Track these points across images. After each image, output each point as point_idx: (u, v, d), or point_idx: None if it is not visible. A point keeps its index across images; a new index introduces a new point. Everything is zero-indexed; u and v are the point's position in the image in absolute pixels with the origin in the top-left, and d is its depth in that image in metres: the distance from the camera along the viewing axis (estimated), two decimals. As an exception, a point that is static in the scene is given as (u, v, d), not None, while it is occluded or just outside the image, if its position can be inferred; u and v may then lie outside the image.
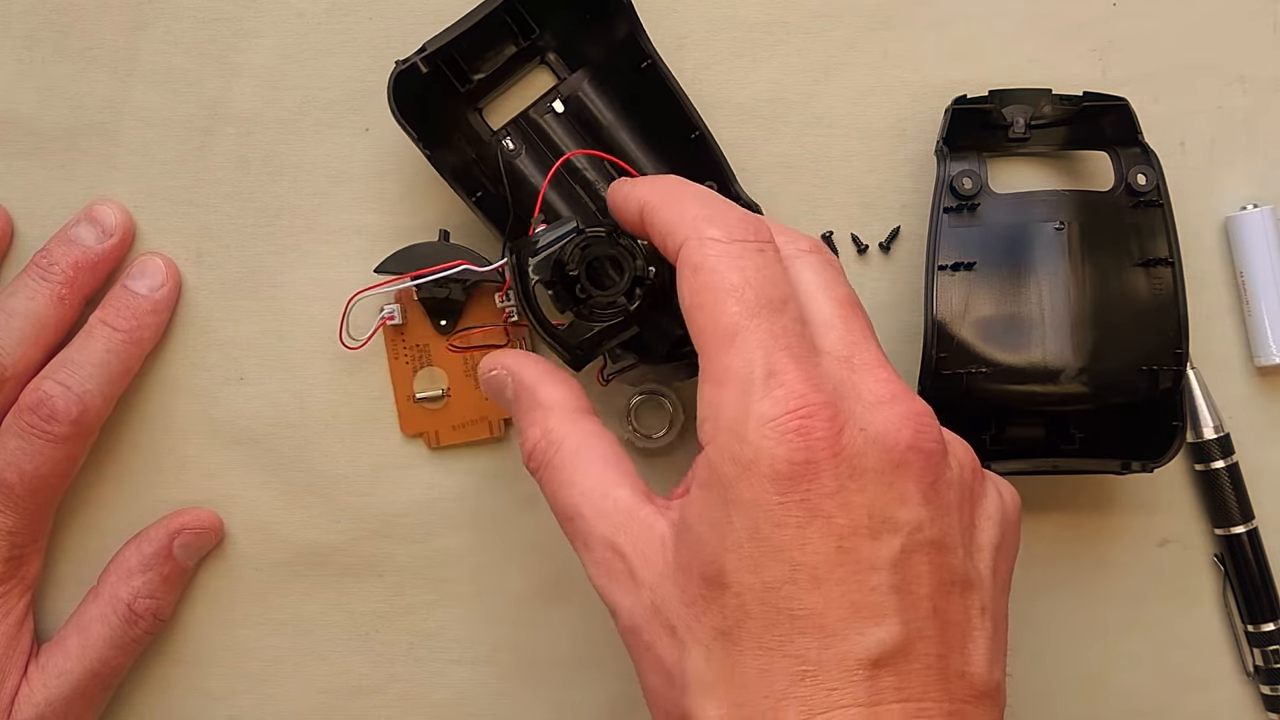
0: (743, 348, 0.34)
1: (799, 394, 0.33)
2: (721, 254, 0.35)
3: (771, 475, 0.33)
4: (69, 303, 0.45)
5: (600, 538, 0.36)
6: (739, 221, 0.36)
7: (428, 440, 0.47)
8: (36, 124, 0.47)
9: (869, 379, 0.35)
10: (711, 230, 0.36)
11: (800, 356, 0.34)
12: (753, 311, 0.35)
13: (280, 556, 0.48)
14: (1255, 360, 0.47)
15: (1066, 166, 0.47)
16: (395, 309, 0.46)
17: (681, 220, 0.37)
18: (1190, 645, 0.48)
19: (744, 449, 0.33)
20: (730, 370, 0.34)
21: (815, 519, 0.33)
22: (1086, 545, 0.48)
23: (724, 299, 0.35)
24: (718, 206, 0.37)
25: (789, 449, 0.33)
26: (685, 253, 0.36)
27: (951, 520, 0.35)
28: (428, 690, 0.48)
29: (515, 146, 0.46)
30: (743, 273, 0.35)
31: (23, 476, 0.43)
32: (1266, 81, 0.47)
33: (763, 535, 0.33)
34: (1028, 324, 0.44)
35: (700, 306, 0.35)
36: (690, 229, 0.36)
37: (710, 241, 0.36)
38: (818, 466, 0.33)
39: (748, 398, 0.34)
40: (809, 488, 0.33)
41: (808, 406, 0.33)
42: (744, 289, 0.35)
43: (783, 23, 0.47)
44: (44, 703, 0.44)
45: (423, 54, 0.43)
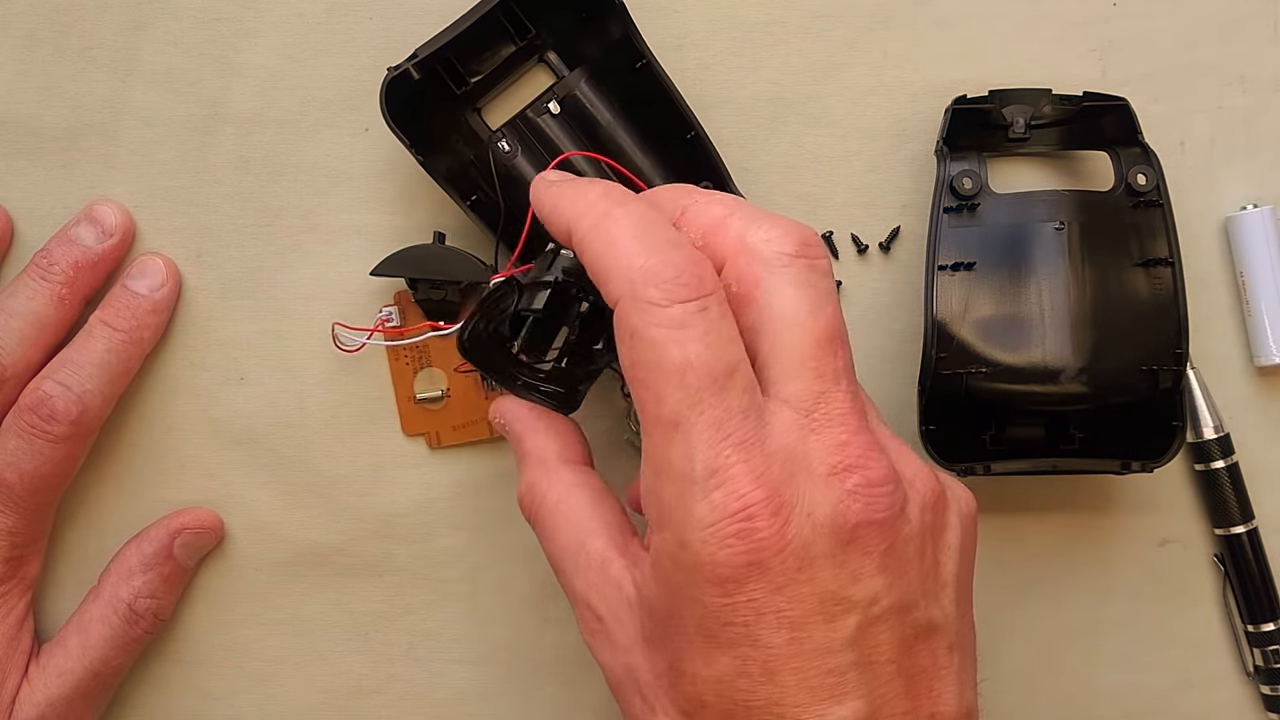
0: (684, 441, 0.32)
1: (740, 494, 0.32)
2: (661, 322, 0.33)
3: (714, 579, 0.32)
4: (69, 303, 0.45)
5: (579, 595, 0.36)
6: (679, 273, 0.33)
7: (429, 440, 0.47)
8: (36, 124, 0.47)
9: (825, 441, 0.33)
10: (648, 290, 0.33)
11: (746, 442, 0.32)
12: (695, 399, 0.32)
13: (280, 556, 0.48)
14: (1255, 360, 0.47)
15: (1066, 166, 0.47)
16: (393, 311, 0.46)
17: (615, 269, 0.34)
18: (1190, 645, 0.48)
19: (685, 553, 0.32)
20: (670, 463, 0.33)
21: (763, 616, 0.32)
22: (1086, 545, 0.48)
23: (664, 382, 0.32)
24: (655, 250, 0.33)
25: (729, 554, 0.32)
26: (621, 315, 0.33)
27: (911, 576, 0.34)
28: (428, 690, 0.48)
29: (511, 148, 0.46)
30: (683, 348, 0.32)
31: (23, 476, 0.43)
32: (1266, 81, 0.47)
33: (711, 632, 0.32)
34: (1028, 324, 0.44)
35: (640, 383, 0.33)
36: (625, 285, 0.33)
37: (647, 306, 0.33)
38: (762, 566, 0.32)
39: (687, 498, 0.32)
40: (754, 587, 0.32)
41: (749, 508, 0.32)
42: (685, 371, 0.32)
43: (783, 23, 0.47)
44: (44, 702, 0.44)
45: (414, 60, 0.43)
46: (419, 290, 0.45)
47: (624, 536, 0.36)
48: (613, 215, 0.35)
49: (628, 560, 0.35)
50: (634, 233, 0.34)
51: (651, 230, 0.34)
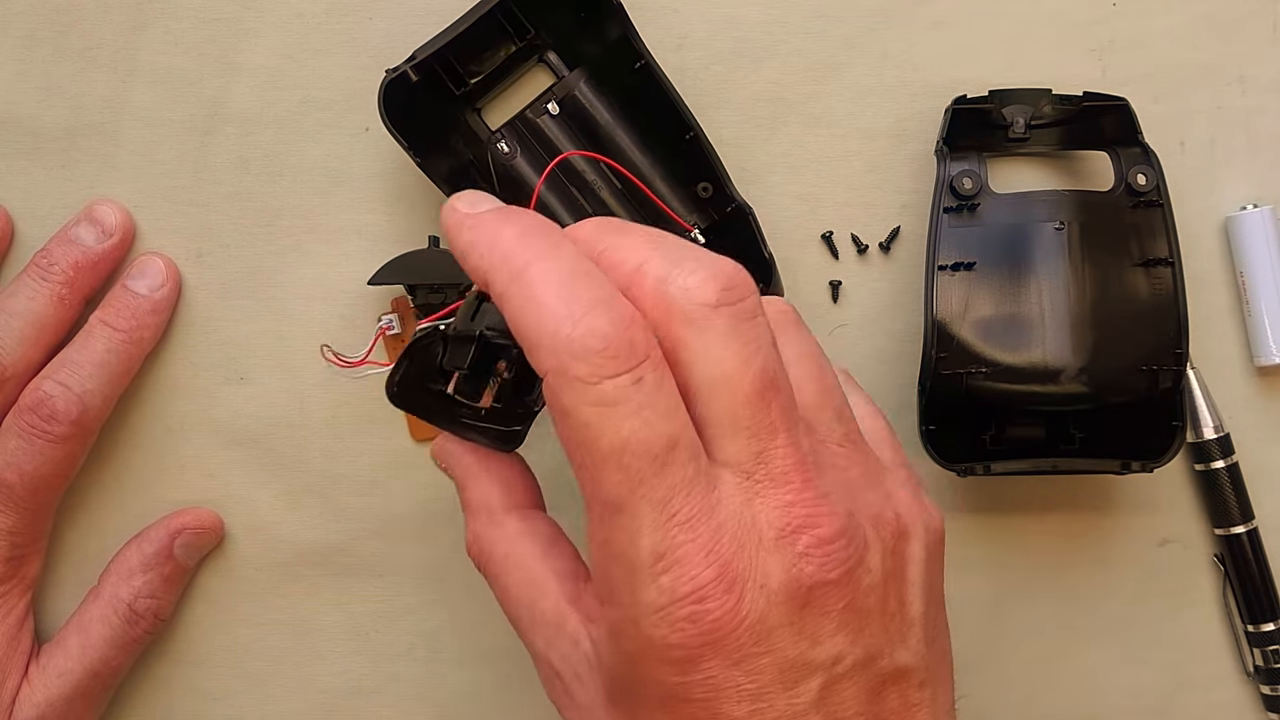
0: (627, 525, 0.31)
1: (690, 575, 0.30)
2: (591, 401, 0.30)
3: (668, 660, 0.31)
4: (69, 303, 0.45)
5: (537, 652, 0.35)
6: (606, 344, 0.30)
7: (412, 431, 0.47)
8: (36, 124, 0.47)
9: (770, 503, 0.32)
10: (576, 366, 0.30)
11: (693, 519, 0.31)
12: (635, 480, 0.30)
13: (280, 556, 0.48)
14: (1255, 360, 0.47)
15: (1066, 166, 0.47)
16: (393, 319, 0.46)
17: (539, 338, 0.31)
18: (1190, 645, 0.48)
19: (637, 635, 0.31)
20: (614, 546, 0.31)
21: (722, 691, 0.31)
22: (1086, 545, 0.48)
23: (601, 465, 0.31)
24: (581, 315, 0.30)
25: (682, 637, 0.31)
26: (549, 393, 0.31)
27: (874, 627, 0.33)
28: (428, 690, 0.48)
29: (510, 149, 0.46)
30: (618, 428, 0.30)
31: (23, 476, 0.43)
32: (1266, 81, 0.47)
33: (671, 707, 0.32)
34: (1028, 324, 0.44)
35: (578, 465, 0.31)
36: (550, 359, 0.30)
37: (577, 384, 0.30)
38: (717, 645, 0.31)
39: (634, 581, 0.31)
40: (710, 665, 0.31)
41: (700, 589, 0.30)
42: (622, 452, 0.30)
43: (783, 23, 0.47)
44: (44, 702, 0.44)
45: (412, 62, 0.43)
46: (418, 295, 0.45)
47: (578, 587, 0.35)
48: (532, 269, 0.31)
49: (583, 615, 0.34)
50: (556, 291, 0.31)
51: (576, 286, 0.31)
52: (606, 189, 0.46)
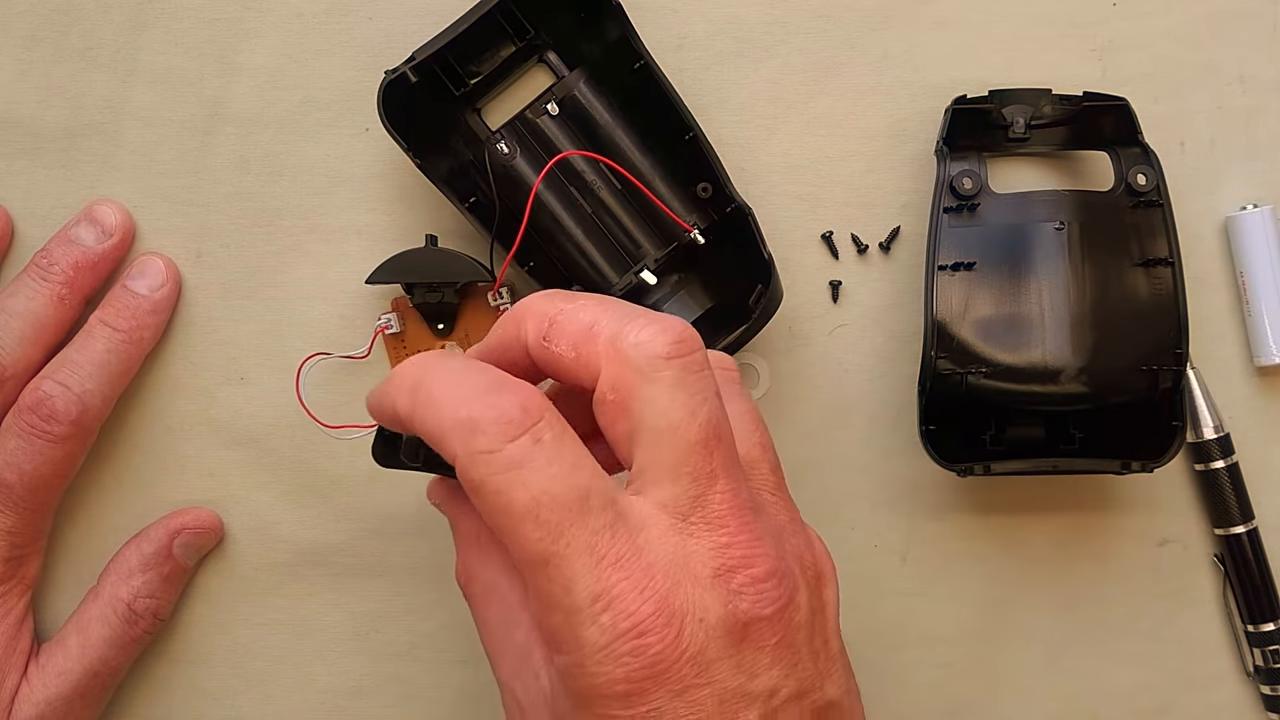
0: (558, 574, 0.32)
1: (628, 613, 0.31)
2: (497, 468, 0.32)
3: (613, 694, 0.32)
4: (69, 303, 0.45)
5: (504, 681, 0.36)
6: (500, 413, 0.32)
7: None
8: (36, 124, 0.47)
9: (705, 545, 0.33)
10: (476, 440, 0.32)
11: (623, 560, 0.32)
12: (555, 532, 0.32)
13: (280, 556, 0.48)
14: (1255, 360, 0.47)
15: (1066, 166, 0.47)
16: (392, 318, 0.46)
17: (443, 432, 0.33)
18: (1190, 645, 0.48)
19: (581, 674, 0.32)
20: (550, 598, 0.32)
21: None
22: (1086, 545, 0.48)
23: (520, 526, 0.32)
24: (473, 398, 0.33)
25: (625, 671, 0.31)
26: (461, 473, 0.32)
27: (805, 662, 0.34)
28: (428, 690, 0.48)
29: (510, 149, 0.46)
30: (527, 487, 0.32)
31: (23, 476, 0.43)
32: (1266, 81, 0.47)
33: None
34: (1028, 324, 0.44)
35: (501, 531, 0.32)
36: (456, 443, 0.32)
37: (481, 457, 0.32)
38: (660, 678, 0.32)
39: (575, 625, 0.32)
40: (655, 697, 0.32)
41: (639, 626, 0.31)
42: (536, 508, 0.32)
43: (783, 23, 0.47)
44: (44, 702, 0.44)
45: (411, 63, 0.43)
46: (416, 294, 0.45)
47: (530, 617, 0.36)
48: (424, 381, 0.34)
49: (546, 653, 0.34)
50: (448, 389, 0.33)
51: (464, 380, 0.33)
52: (606, 189, 0.46)
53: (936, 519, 0.48)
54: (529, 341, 0.35)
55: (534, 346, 0.35)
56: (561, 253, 0.46)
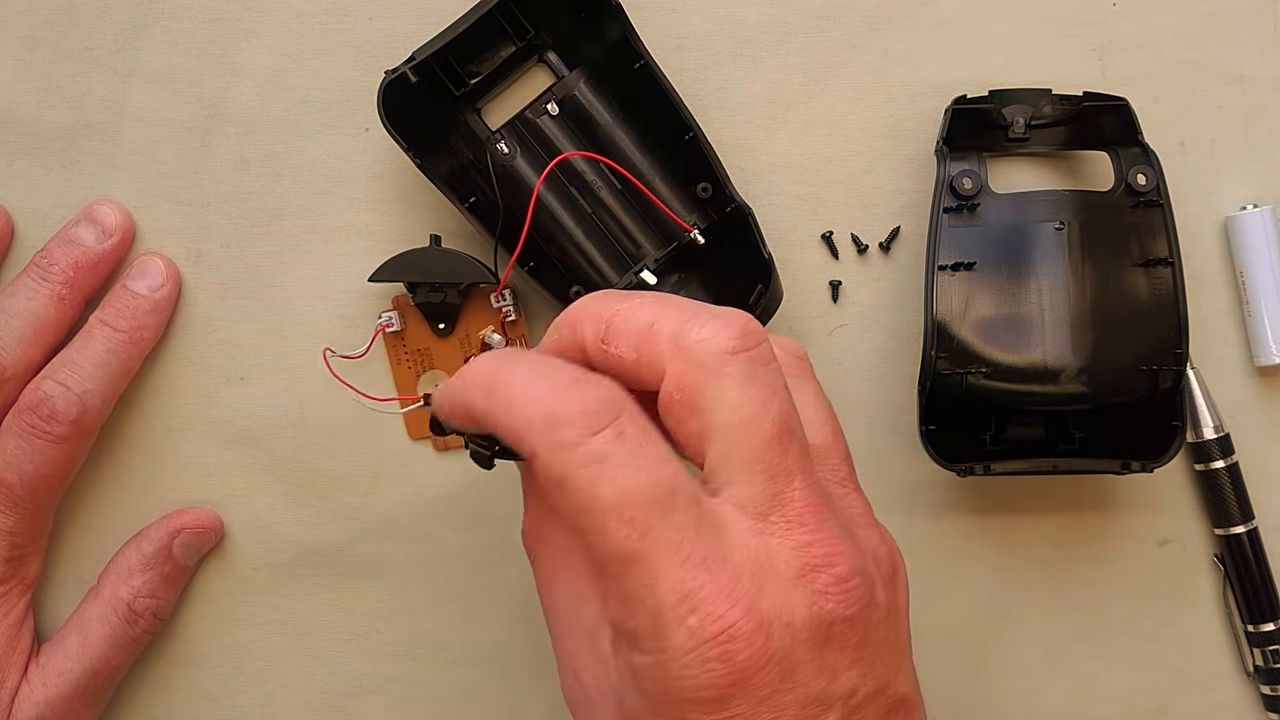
0: (643, 573, 0.31)
1: (716, 615, 0.31)
2: (581, 462, 0.31)
3: (697, 700, 0.31)
4: (69, 303, 0.45)
5: (565, 658, 0.35)
6: (583, 406, 0.31)
7: (435, 443, 0.47)
8: (36, 124, 0.47)
9: (788, 544, 0.32)
10: (559, 434, 0.31)
11: (708, 560, 0.31)
12: (642, 529, 0.31)
13: (280, 556, 0.48)
14: (1255, 360, 0.47)
15: (1066, 166, 0.47)
16: (393, 316, 0.46)
17: (522, 428, 0.32)
18: (1190, 645, 0.48)
19: (665, 676, 0.31)
20: (634, 598, 0.31)
21: None
22: (1086, 545, 0.48)
23: (604, 522, 0.31)
24: (552, 393, 0.32)
25: (711, 678, 0.31)
26: (541, 469, 0.32)
27: (882, 658, 0.33)
28: (428, 690, 0.48)
29: (510, 149, 0.46)
30: (614, 482, 0.31)
31: (23, 476, 0.43)
32: (1266, 81, 0.47)
33: None
34: (1028, 324, 0.44)
35: (584, 530, 0.31)
36: (537, 438, 0.31)
37: (564, 449, 0.31)
38: (745, 684, 0.31)
39: (661, 627, 0.31)
40: (738, 704, 0.31)
41: (727, 631, 0.31)
42: (622, 505, 0.31)
43: (783, 23, 0.47)
44: (44, 702, 0.44)
45: (411, 63, 0.43)
46: (418, 294, 0.46)
47: None
48: (500, 378, 0.33)
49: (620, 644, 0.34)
50: (526, 385, 0.33)
51: (542, 376, 0.33)
52: (606, 189, 0.46)
53: (936, 519, 0.48)
54: (587, 345, 0.34)
55: (593, 350, 0.34)
56: (561, 253, 0.46)
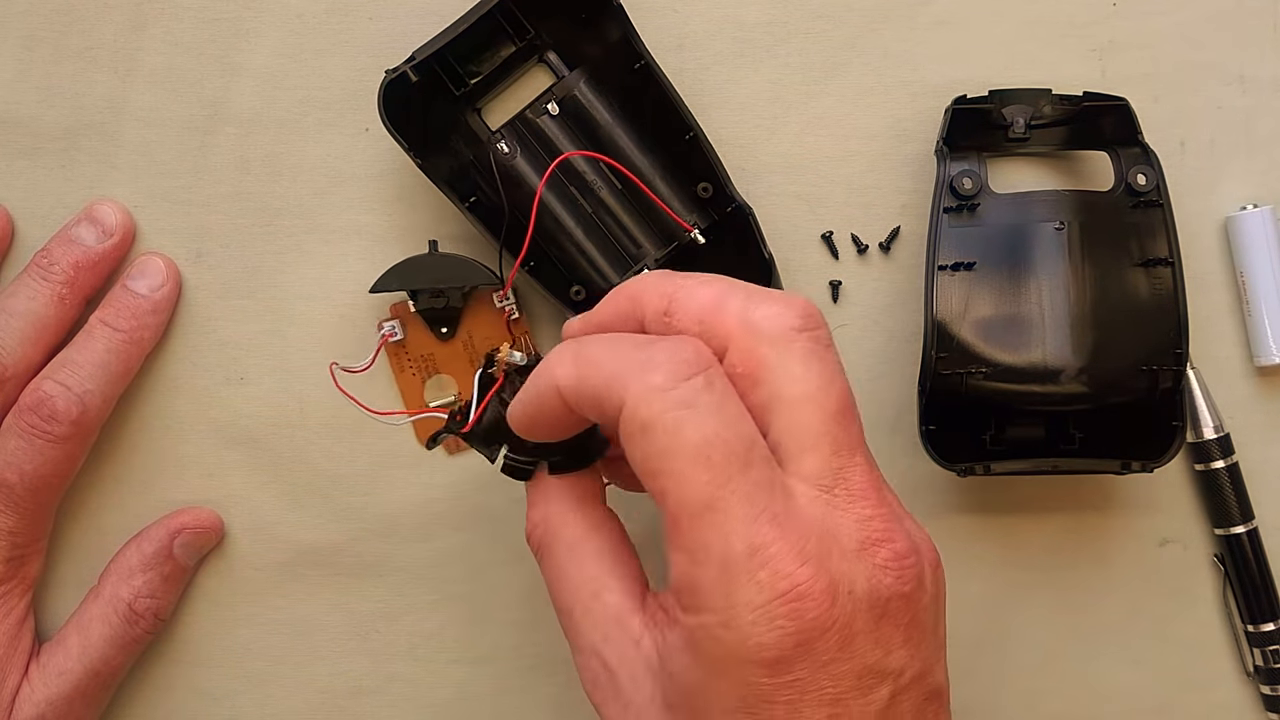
0: (718, 522, 0.31)
1: (787, 573, 0.31)
2: (670, 406, 0.31)
3: (760, 661, 0.31)
4: (69, 303, 0.45)
5: (588, 645, 0.35)
6: (671, 355, 0.32)
7: (447, 447, 0.47)
8: (36, 124, 0.47)
9: (850, 517, 0.33)
10: (650, 378, 0.32)
11: (780, 518, 0.31)
12: (723, 477, 0.31)
13: (280, 556, 0.48)
14: (1255, 360, 0.47)
15: (1066, 166, 0.47)
16: (394, 325, 0.46)
17: (612, 377, 0.32)
18: (1190, 645, 0.48)
19: (731, 634, 0.31)
20: (707, 548, 0.31)
21: (807, 694, 0.31)
22: (1086, 545, 0.48)
23: (687, 465, 0.31)
24: (642, 347, 0.33)
25: (779, 635, 0.31)
26: (629, 414, 0.32)
27: (927, 643, 0.34)
28: (428, 690, 0.48)
29: (510, 149, 0.46)
30: (701, 427, 0.31)
31: (23, 476, 0.43)
32: (1266, 81, 0.47)
33: (754, 709, 0.32)
34: (1028, 324, 0.44)
35: (659, 473, 0.32)
36: (625, 384, 0.32)
37: (655, 392, 0.31)
38: (809, 646, 0.31)
39: (730, 580, 0.31)
40: (801, 668, 0.31)
41: (797, 587, 0.31)
42: (708, 449, 0.31)
43: (783, 23, 0.47)
44: (44, 702, 0.44)
45: (412, 63, 0.43)
46: (419, 300, 0.45)
47: (641, 590, 0.35)
48: (582, 350, 0.34)
49: (646, 618, 0.34)
50: (613, 344, 0.34)
51: (624, 339, 0.34)
52: (606, 189, 0.46)
53: (936, 519, 0.48)
54: (647, 316, 0.35)
55: (654, 322, 0.35)
56: (562, 252, 0.46)
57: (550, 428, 0.36)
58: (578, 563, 0.35)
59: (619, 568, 0.35)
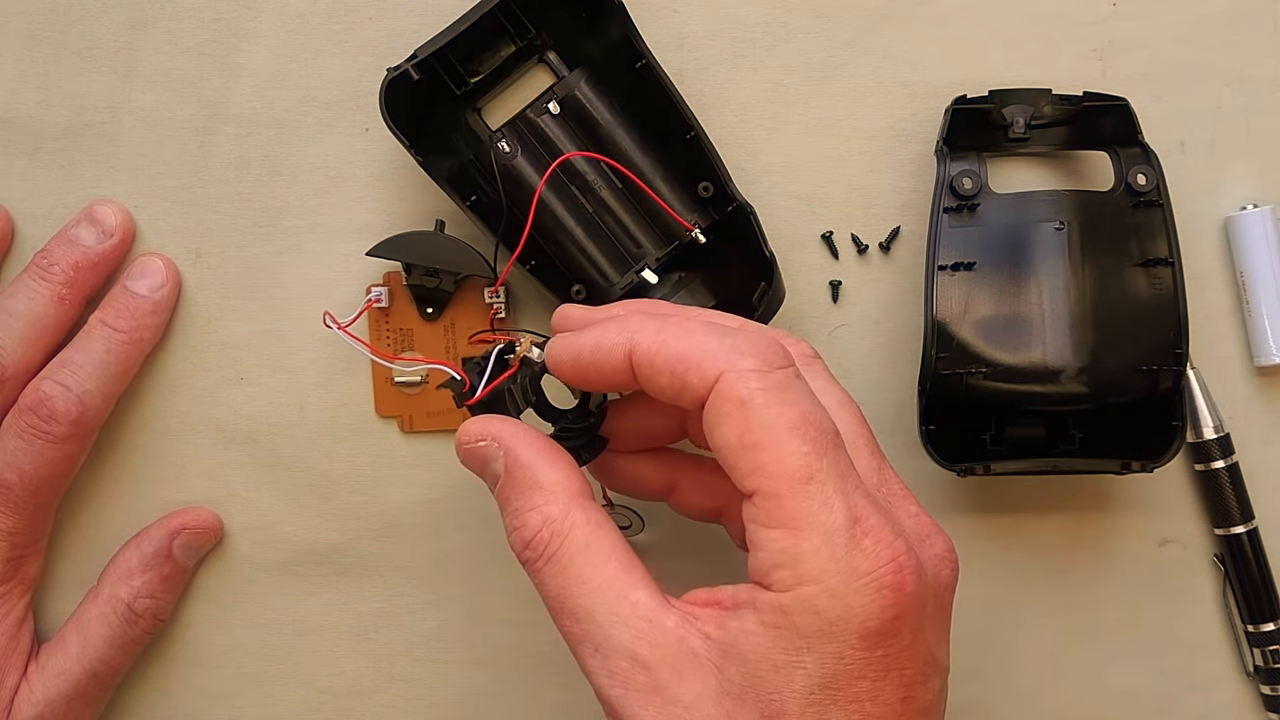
0: (821, 492, 0.32)
1: (888, 542, 0.32)
2: (769, 386, 0.33)
3: (862, 632, 0.31)
4: (69, 303, 0.45)
5: (618, 646, 0.33)
6: (765, 346, 0.34)
7: (401, 424, 0.47)
8: (36, 124, 0.47)
9: (903, 513, 0.35)
10: (746, 360, 0.33)
11: (868, 495, 0.33)
12: (821, 450, 0.32)
13: (280, 556, 0.48)
14: (1255, 360, 0.47)
15: (1066, 166, 0.47)
16: (383, 292, 0.46)
17: (704, 355, 0.34)
18: (1190, 645, 0.48)
19: (835, 603, 0.31)
20: (810, 516, 0.32)
21: (890, 672, 0.32)
22: (1086, 545, 0.48)
23: (789, 439, 0.32)
24: (730, 334, 0.34)
25: (882, 605, 0.31)
26: (725, 387, 0.33)
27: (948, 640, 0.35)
28: (428, 690, 0.48)
29: (511, 149, 0.46)
30: (797, 405, 0.33)
31: (23, 477, 0.43)
32: (1266, 81, 0.47)
33: (838, 685, 0.32)
34: (1028, 324, 0.44)
35: (759, 446, 0.32)
36: (720, 363, 0.33)
37: (751, 374, 0.33)
38: (902, 620, 0.32)
39: (836, 547, 0.32)
40: (893, 642, 0.32)
41: (898, 558, 0.32)
42: (804, 425, 0.32)
43: (783, 23, 0.47)
44: (43, 702, 0.44)
45: (414, 61, 0.43)
46: (413, 275, 0.45)
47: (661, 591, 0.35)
48: (672, 321, 0.35)
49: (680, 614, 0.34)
50: (704, 326, 0.35)
51: (707, 325, 0.35)
52: (607, 189, 0.46)
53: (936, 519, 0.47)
54: None
55: None
56: (563, 252, 0.46)
57: (592, 379, 0.36)
58: (595, 564, 0.34)
59: (634, 567, 0.35)
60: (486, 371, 0.39)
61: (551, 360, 0.37)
